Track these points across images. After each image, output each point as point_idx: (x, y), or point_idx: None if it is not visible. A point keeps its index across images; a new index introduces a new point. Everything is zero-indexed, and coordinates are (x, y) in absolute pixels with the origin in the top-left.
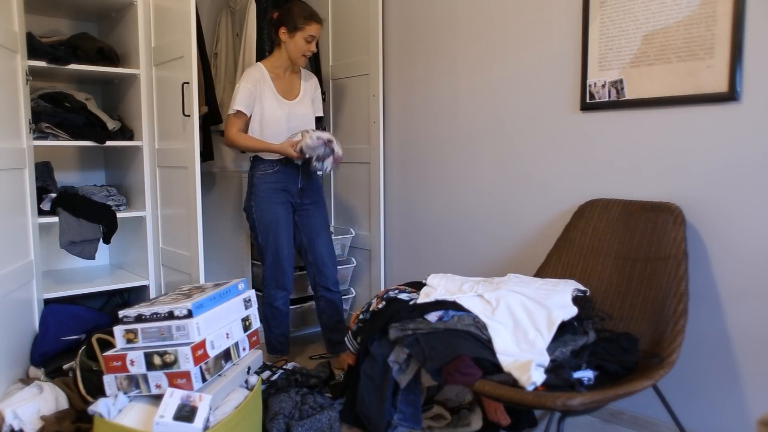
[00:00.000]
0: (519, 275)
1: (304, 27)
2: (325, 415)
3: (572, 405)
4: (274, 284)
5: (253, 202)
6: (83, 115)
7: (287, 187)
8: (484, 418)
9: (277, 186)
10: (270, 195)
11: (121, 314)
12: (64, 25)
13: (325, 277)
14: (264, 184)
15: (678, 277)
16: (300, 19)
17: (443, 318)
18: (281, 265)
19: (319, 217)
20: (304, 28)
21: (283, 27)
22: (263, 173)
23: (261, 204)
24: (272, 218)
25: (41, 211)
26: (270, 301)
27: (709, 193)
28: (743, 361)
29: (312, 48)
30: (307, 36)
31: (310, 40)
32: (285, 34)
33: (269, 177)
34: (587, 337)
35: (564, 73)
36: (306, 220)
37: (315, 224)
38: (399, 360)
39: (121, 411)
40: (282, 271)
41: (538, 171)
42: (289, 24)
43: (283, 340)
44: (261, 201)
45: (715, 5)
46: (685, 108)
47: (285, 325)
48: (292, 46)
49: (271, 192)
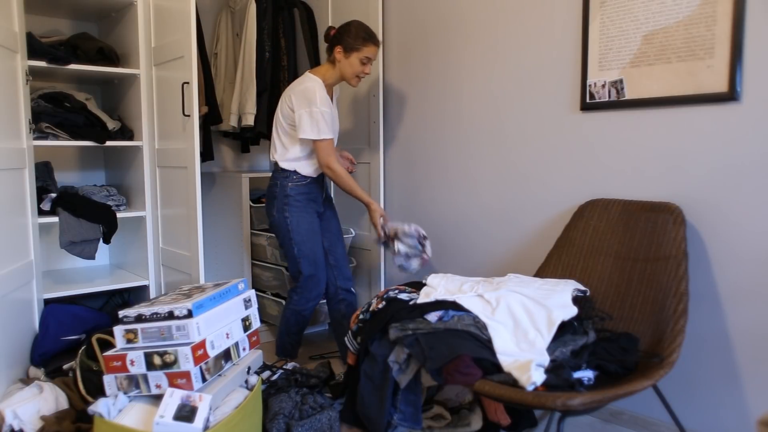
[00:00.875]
0: (519, 275)
1: (362, 48)
2: (325, 415)
3: (572, 405)
4: (307, 293)
5: (288, 213)
6: (83, 115)
7: (316, 197)
8: (484, 418)
9: (310, 196)
10: (306, 205)
11: (121, 314)
12: (64, 25)
13: (346, 279)
14: (299, 195)
15: (678, 277)
16: (359, 39)
17: (443, 318)
18: (318, 274)
19: (336, 222)
20: (361, 50)
21: (339, 45)
22: (297, 184)
23: (298, 214)
24: (310, 228)
25: (41, 211)
26: (299, 308)
27: (709, 193)
28: (743, 361)
29: (367, 71)
30: (363, 57)
31: (366, 62)
32: (341, 53)
33: (303, 188)
34: (587, 337)
35: (564, 73)
36: (327, 225)
37: (335, 229)
38: (399, 360)
39: (121, 411)
40: (318, 279)
41: (538, 171)
42: (346, 43)
43: (297, 345)
44: (298, 211)
45: (715, 5)
46: (685, 108)
47: (303, 330)
48: (347, 66)
49: (306, 202)
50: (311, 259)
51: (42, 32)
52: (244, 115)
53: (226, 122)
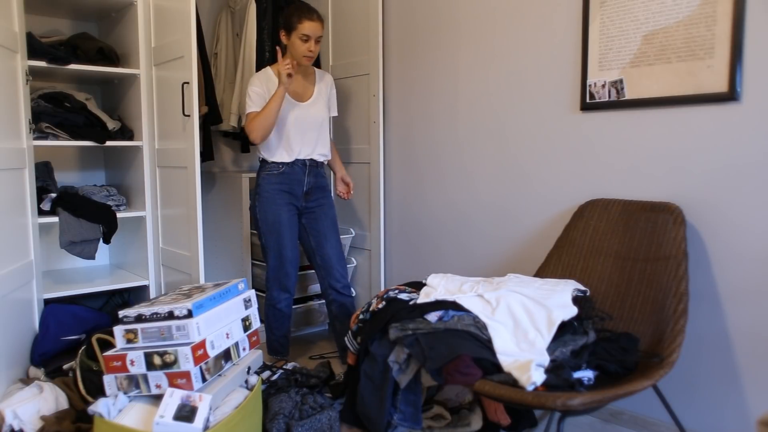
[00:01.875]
0: (519, 275)
1: (297, 26)
2: (325, 415)
3: (572, 405)
4: (276, 286)
5: (257, 203)
6: (83, 115)
7: (292, 189)
8: (484, 418)
9: (282, 187)
10: (274, 196)
11: (121, 314)
12: (64, 25)
13: (334, 279)
14: (268, 185)
15: (678, 277)
16: (294, 18)
17: (443, 318)
18: (284, 267)
19: (326, 219)
20: (297, 28)
21: (282, 30)
22: (268, 173)
23: (264, 205)
24: (275, 219)
25: (41, 211)
26: (272, 302)
27: (709, 193)
28: (743, 361)
29: (311, 47)
30: (301, 35)
31: (306, 40)
32: (285, 37)
33: (274, 178)
34: (587, 337)
35: (564, 73)
36: (313, 222)
37: (323, 226)
38: (399, 360)
39: (121, 411)
40: (285, 273)
41: (538, 171)
42: (286, 26)
43: (284, 342)
44: (264, 202)
45: (715, 5)
46: (685, 108)
47: (286, 327)
48: (292, 48)
49: (274, 193)
50: (276, 252)
51: (42, 32)
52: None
53: (226, 122)
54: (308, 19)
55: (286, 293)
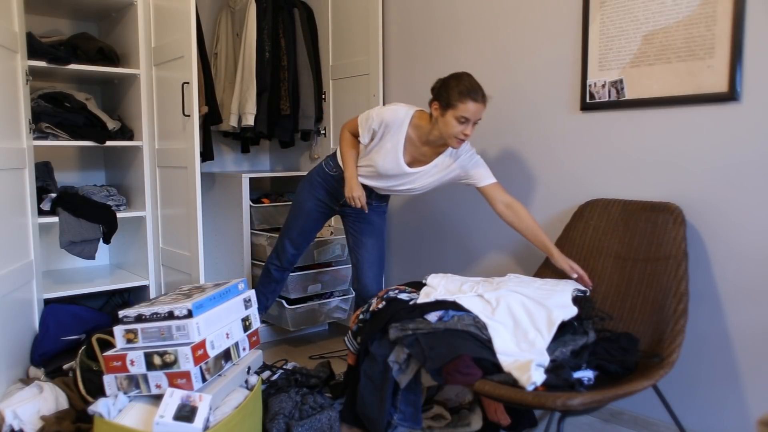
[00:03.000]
0: (519, 275)
1: (457, 105)
2: (325, 415)
3: (572, 405)
4: (275, 252)
5: (300, 188)
6: (83, 115)
7: (335, 192)
8: (484, 418)
9: (326, 185)
10: (314, 186)
11: (121, 314)
12: (64, 25)
13: (361, 285)
14: (317, 177)
15: (678, 277)
16: (454, 93)
17: (443, 318)
18: (283, 242)
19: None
20: (456, 107)
21: (435, 101)
22: (325, 170)
23: (301, 192)
24: (301, 204)
25: (41, 211)
26: (267, 260)
27: (709, 193)
28: (743, 361)
29: (467, 132)
30: (459, 116)
31: (463, 122)
32: (437, 110)
33: (325, 174)
34: (587, 337)
35: (564, 73)
36: (355, 225)
37: (362, 231)
38: (399, 360)
39: (121, 411)
40: (282, 246)
41: (538, 171)
42: (441, 97)
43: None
44: (303, 190)
45: (715, 5)
46: (685, 108)
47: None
48: (443, 124)
49: (317, 184)
50: (286, 228)
51: (42, 32)
52: (244, 115)
53: (226, 122)
54: (473, 100)
55: (277, 260)
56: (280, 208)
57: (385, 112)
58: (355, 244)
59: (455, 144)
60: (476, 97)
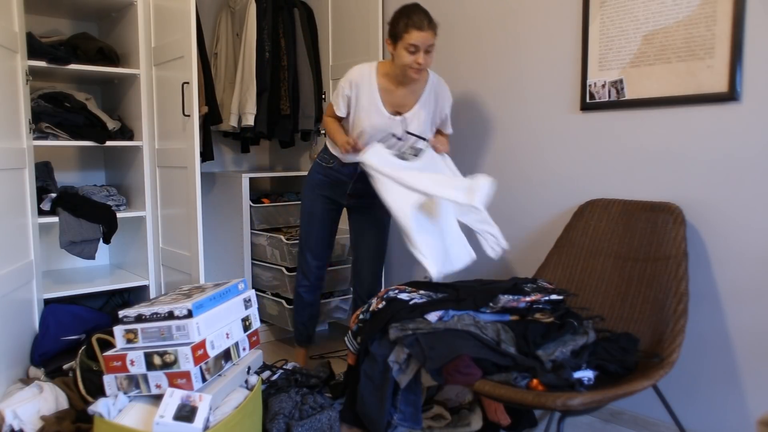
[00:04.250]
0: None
1: (404, 36)
2: (325, 415)
3: (572, 405)
4: (300, 271)
5: (302, 192)
6: (83, 115)
7: (335, 185)
8: (484, 418)
9: (326, 181)
10: (315, 187)
11: (121, 314)
12: (64, 25)
13: (359, 280)
14: (316, 175)
15: (678, 277)
16: (399, 25)
17: (443, 318)
18: (305, 256)
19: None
20: (404, 37)
21: (388, 38)
22: (321, 165)
23: (305, 195)
24: (310, 210)
25: (41, 211)
26: (296, 285)
27: (709, 193)
28: (743, 361)
29: (419, 60)
30: (408, 46)
31: (414, 51)
32: (390, 46)
33: (324, 170)
34: (587, 337)
35: (564, 73)
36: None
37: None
38: (399, 360)
39: (121, 411)
40: (305, 261)
41: (538, 171)
42: (392, 34)
43: (302, 329)
44: (307, 192)
45: (715, 5)
46: (685, 108)
47: (307, 314)
48: (397, 58)
49: (317, 184)
50: (304, 240)
51: (42, 32)
52: (244, 115)
53: (226, 122)
54: (417, 29)
55: (306, 280)
56: (280, 208)
57: (350, 73)
58: (356, 239)
59: (413, 74)
60: (421, 25)
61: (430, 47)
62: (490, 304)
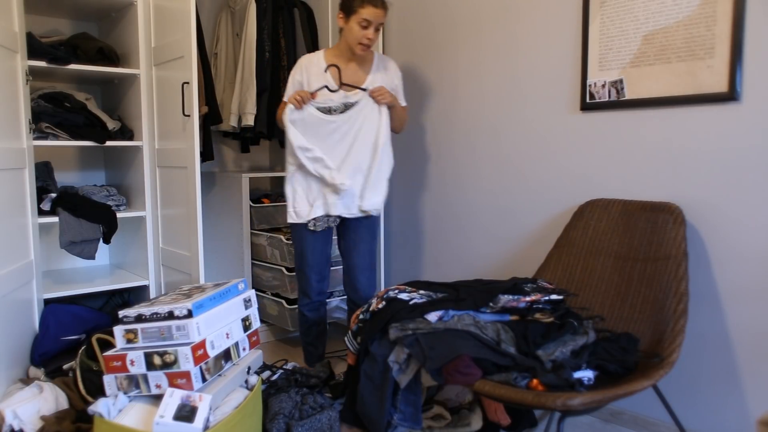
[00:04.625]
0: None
1: (358, 10)
2: (325, 415)
3: (572, 405)
4: (300, 289)
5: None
6: (83, 115)
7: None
8: (484, 418)
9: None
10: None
11: (121, 314)
12: (64, 25)
13: (354, 289)
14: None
15: (678, 277)
16: (356, 1)
17: (443, 318)
18: (304, 271)
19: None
20: (358, 11)
21: (340, 11)
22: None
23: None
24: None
25: (41, 211)
26: (299, 305)
27: (709, 193)
28: (743, 361)
29: (369, 35)
30: (361, 21)
31: (366, 26)
32: (342, 19)
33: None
34: (587, 337)
35: (564, 73)
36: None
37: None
38: (399, 360)
39: (121, 411)
40: (304, 276)
41: (538, 171)
42: (344, 7)
43: (312, 350)
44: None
45: (715, 5)
46: (685, 108)
47: (313, 334)
48: (348, 32)
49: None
50: (299, 256)
51: (42, 32)
52: (244, 115)
53: (226, 122)
54: (372, 5)
55: (306, 298)
56: (280, 208)
57: (299, 61)
58: (347, 248)
59: (360, 50)
60: (376, 2)
61: (380, 25)
62: (490, 304)
